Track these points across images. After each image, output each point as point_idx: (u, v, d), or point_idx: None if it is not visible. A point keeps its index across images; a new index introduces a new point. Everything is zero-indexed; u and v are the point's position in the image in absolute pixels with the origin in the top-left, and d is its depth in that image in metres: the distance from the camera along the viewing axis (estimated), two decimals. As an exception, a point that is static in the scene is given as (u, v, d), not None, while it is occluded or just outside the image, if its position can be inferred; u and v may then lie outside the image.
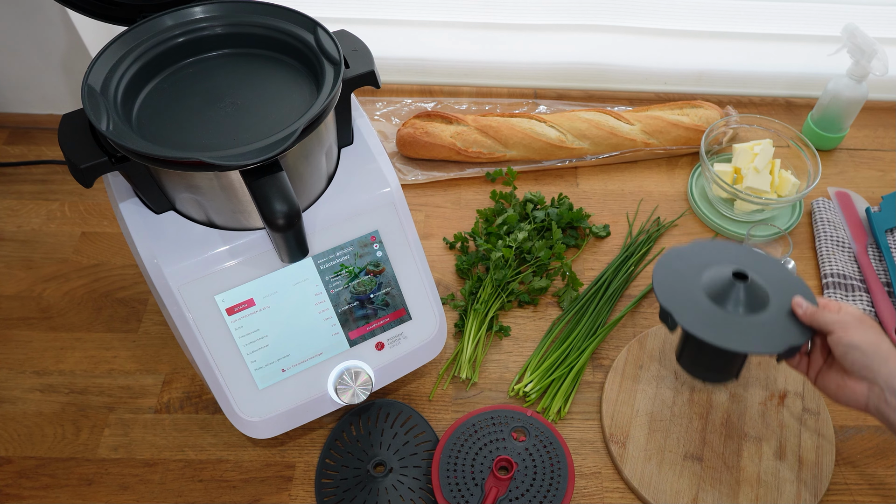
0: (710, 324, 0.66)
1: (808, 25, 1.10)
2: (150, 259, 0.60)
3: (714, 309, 0.67)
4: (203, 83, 0.61)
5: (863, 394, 0.62)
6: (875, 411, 0.62)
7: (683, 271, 0.71)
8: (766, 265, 0.73)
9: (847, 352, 0.62)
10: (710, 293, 0.68)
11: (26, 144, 1.05)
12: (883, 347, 0.61)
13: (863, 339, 0.61)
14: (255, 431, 0.68)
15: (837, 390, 0.64)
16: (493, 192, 0.99)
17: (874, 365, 0.61)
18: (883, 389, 0.60)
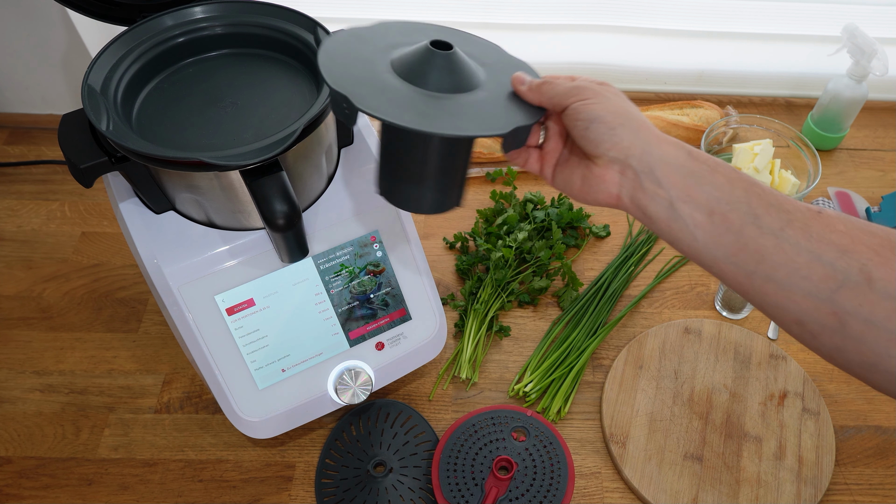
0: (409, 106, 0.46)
1: (808, 25, 1.10)
2: (150, 259, 0.60)
3: (412, 90, 0.48)
4: (203, 83, 0.61)
5: (614, 182, 0.48)
6: (630, 203, 0.48)
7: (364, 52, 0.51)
8: (477, 45, 0.56)
9: (588, 126, 0.47)
10: (402, 71, 0.49)
11: (26, 144, 1.05)
12: (633, 117, 0.47)
13: (607, 109, 0.47)
14: (255, 431, 0.68)
15: (583, 184, 0.50)
16: (493, 192, 0.99)
17: (624, 139, 0.47)
18: (637, 173, 0.47)
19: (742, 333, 0.85)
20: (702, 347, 0.84)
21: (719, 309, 0.89)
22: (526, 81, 0.51)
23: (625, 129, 0.47)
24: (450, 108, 0.47)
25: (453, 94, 0.49)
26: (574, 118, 0.48)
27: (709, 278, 0.93)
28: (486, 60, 0.54)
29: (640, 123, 0.47)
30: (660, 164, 0.46)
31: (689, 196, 0.46)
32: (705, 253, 0.46)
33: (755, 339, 0.85)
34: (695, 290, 0.92)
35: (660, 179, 0.46)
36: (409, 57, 0.50)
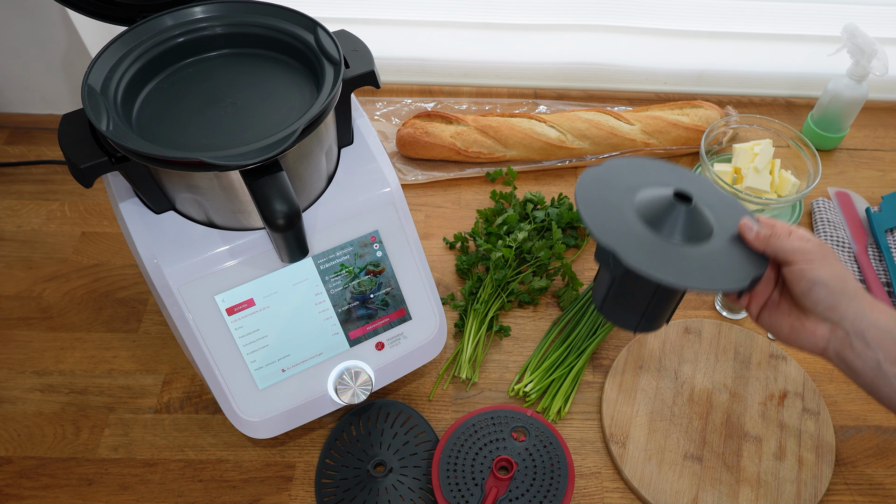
0: (658, 260, 0.53)
1: (808, 25, 1.10)
2: (150, 259, 0.60)
3: (655, 240, 0.54)
4: (203, 83, 0.61)
5: (823, 336, 0.53)
6: (835, 356, 0.54)
7: (610, 197, 0.57)
8: (699, 184, 0.62)
9: (811, 288, 0.52)
10: (648, 219, 0.56)
11: (26, 144, 1.05)
12: (850, 283, 0.52)
13: (830, 274, 0.52)
14: (255, 431, 0.68)
15: (791, 332, 0.55)
16: (493, 192, 0.99)
17: (841, 304, 0.51)
18: (848, 333, 0.52)
19: (742, 333, 0.85)
20: (702, 347, 0.84)
21: (719, 309, 0.89)
22: (753, 230, 0.56)
23: (844, 295, 0.52)
24: (690, 258, 0.54)
25: (690, 246, 0.55)
26: (798, 277, 0.53)
27: (709, 278, 0.93)
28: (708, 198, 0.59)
29: (856, 291, 0.53)
30: (871, 329, 0.51)
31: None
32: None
33: (755, 339, 0.85)
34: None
35: (869, 342, 0.51)
36: (655, 207, 0.56)
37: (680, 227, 0.55)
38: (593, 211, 0.55)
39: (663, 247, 0.54)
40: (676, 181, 0.59)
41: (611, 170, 0.61)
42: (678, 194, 0.56)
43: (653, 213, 0.56)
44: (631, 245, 0.53)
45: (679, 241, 0.55)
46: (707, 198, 0.59)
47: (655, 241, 0.54)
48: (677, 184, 0.58)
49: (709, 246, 0.55)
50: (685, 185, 0.57)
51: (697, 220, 0.56)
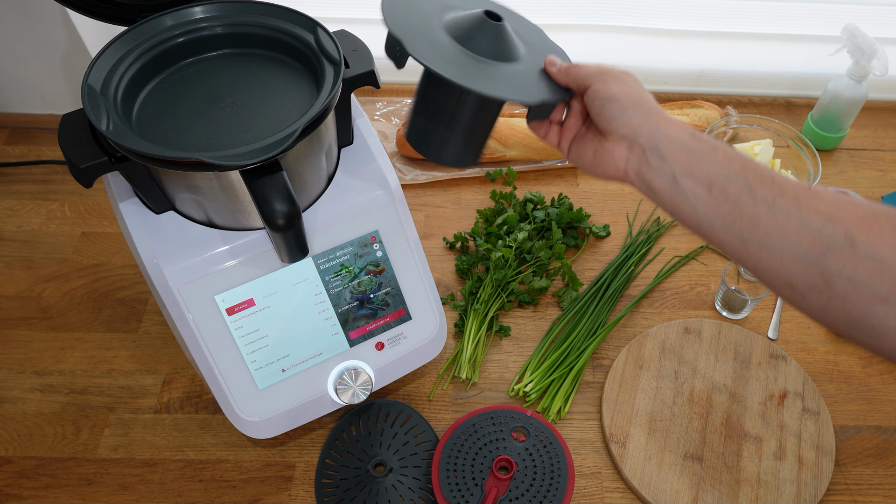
0: (453, 62, 0.52)
1: (808, 25, 1.10)
2: (150, 259, 0.60)
3: (458, 49, 0.54)
4: (203, 83, 0.61)
5: (622, 157, 0.54)
6: (635, 176, 0.54)
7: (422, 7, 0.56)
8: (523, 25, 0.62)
9: (604, 105, 0.53)
10: (453, 31, 0.55)
11: (26, 144, 1.05)
12: (644, 100, 0.53)
13: (622, 91, 0.53)
14: (255, 431, 0.68)
15: (594, 158, 0.56)
16: (493, 192, 0.99)
17: (634, 119, 0.52)
18: (644, 149, 0.52)
19: (742, 333, 0.85)
20: (702, 347, 0.84)
21: (719, 309, 0.89)
22: (557, 63, 0.57)
23: (636, 110, 0.52)
24: (489, 72, 0.53)
25: (494, 62, 0.54)
26: (593, 97, 0.54)
27: (709, 278, 0.93)
28: (528, 39, 0.59)
29: (651, 107, 0.53)
30: (665, 142, 0.51)
31: (690, 171, 0.51)
32: (704, 222, 0.51)
33: (755, 339, 0.85)
34: (695, 290, 0.92)
35: (664, 155, 0.51)
36: (463, 21, 0.55)
37: (483, 44, 0.54)
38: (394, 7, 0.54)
39: (460, 54, 0.53)
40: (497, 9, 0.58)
41: None
42: (488, 13, 0.56)
43: (459, 26, 0.55)
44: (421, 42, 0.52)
45: (485, 58, 0.54)
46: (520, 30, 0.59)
47: (452, 47, 0.54)
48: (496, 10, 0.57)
49: (515, 68, 0.55)
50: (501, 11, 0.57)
51: (505, 41, 0.55)
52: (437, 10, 0.57)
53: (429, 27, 0.54)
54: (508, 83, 0.53)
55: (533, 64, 0.57)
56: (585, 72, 0.55)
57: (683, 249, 0.96)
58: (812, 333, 0.87)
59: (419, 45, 0.51)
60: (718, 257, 0.96)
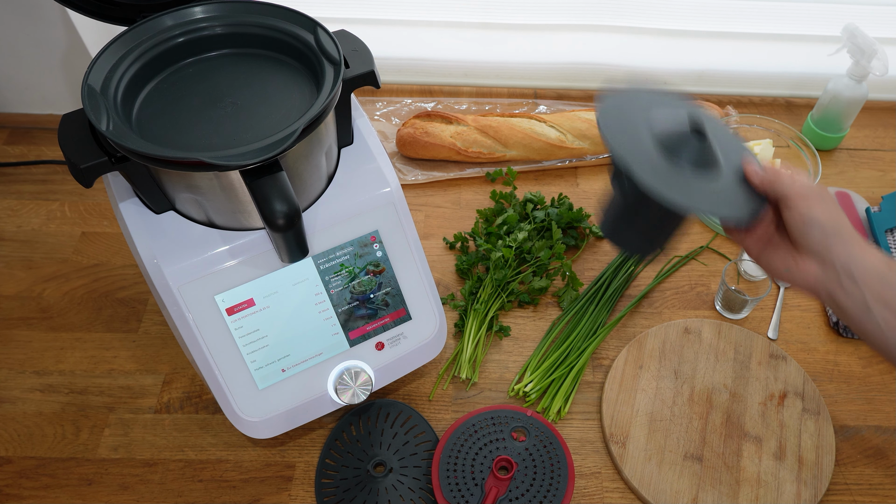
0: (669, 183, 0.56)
1: (808, 25, 1.10)
2: (150, 259, 0.60)
3: (668, 166, 0.57)
4: (203, 83, 0.61)
5: (814, 274, 0.56)
6: (825, 295, 0.56)
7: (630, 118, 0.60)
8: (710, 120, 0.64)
9: (806, 227, 0.55)
10: (662, 142, 0.59)
11: (26, 144, 1.05)
12: (844, 226, 0.55)
13: (825, 215, 0.54)
14: (255, 431, 0.68)
15: (785, 269, 0.58)
16: (493, 192, 0.99)
17: (833, 244, 0.54)
18: (838, 272, 0.54)
19: (742, 333, 0.85)
20: (702, 347, 0.84)
21: (719, 309, 0.89)
22: (759, 172, 0.58)
23: (837, 236, 0.54)
24: (698, 187, 0.57)
25: (700, 176, 0.58)
26: (795, 216, 0.55)
27: (709, 278, 0.93)
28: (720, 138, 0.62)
29: (849, 233, 0.55)
30: (859, 269, 0.53)
31: (883, 299, 0.53)
32: (893, 350, 0.54)
33: (755, 339, 0.85)
34: (695, 290, 0.92)
35: (857, 281, 0.53)
36: (671, 136, 0.58)
37: (692, 159, 0.58)
38: (614, 130, 0.58)
39: (675, 173, 0.57)
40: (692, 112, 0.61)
41: (632, 93, 0.63)
42: (694, 127, 0.59)
43: (668, 142, 0.58)
44: (645, 166, 0.56)
45: (690, 172, 0.58)
46: (717, 134, 0.61)
47: (668, 167, 0.57)
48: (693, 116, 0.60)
49: (716, 180, 0.58)
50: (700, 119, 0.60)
51: (709, 156, 0.59)
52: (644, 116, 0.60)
53: (641, 142, 0.58)
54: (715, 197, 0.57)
55: (730, 170, 0.60)
56: (787, 188, 0.56)
57: (683, 249, 0.96)
58: (812, 333, 0.87)
59: (643, 170, 0.55)
60: (718, 257, 0.96)
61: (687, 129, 0.59)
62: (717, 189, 0.58)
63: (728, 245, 0.97)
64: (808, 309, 0.90)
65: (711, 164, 0.59)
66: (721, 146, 0.61)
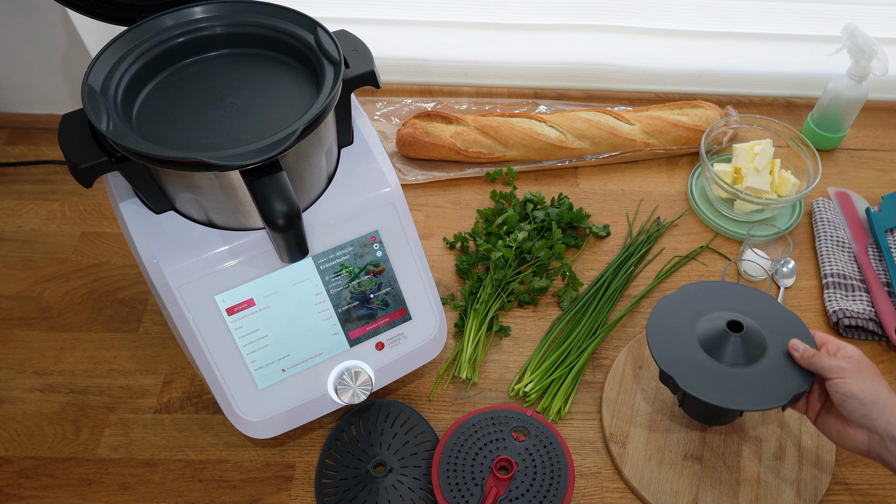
0: (712, 383, 0.66)
1: (808, 25, 1.10)
2: (150, 259, 0.60)
3: (712, 364, 0.68)
4: (203, 83, 0.61)
5: (863, 441, 0.63)
6: (877, 457, 0.62)
7: (675, 325, 0.72)
8: (755, 300, 0.74)
9: (845, 401, 0.62)
10: (705, 346, 0.70)
11: (26, 144, 1.05)
12: (881, 395, 0.61)
13: (861, 389, 0.61)
14: (255, 431, 0.68)
15: (838, 436, 0.65)
16: (493, 192, 0.99)
17: (872, 414, 0.61)
18: (883, 438, 0.61)
19: (742, 333, 0.85)
20: (702, 347, 0.84)
21: (719, 309, 0.89)
22: (800, 350, 0.67)
23: (874, 406, 0.61)
24: (742, 380, 0.67)
25: (744, 367, 0.68)
26: (834, 390, 0.63)
27: (709, 278, 0.93)
28: (763, 314, 0.72)
29: (887, 400, 0.61)
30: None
31: None
32: None
33: (755, 339, 0.85)
34: (695, 290, 0.91)
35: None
36: (711, 336, 0.70)
37: (731, 352, 0.69)
38: (659, 339, 0.71)
39: (716, 370, 0.68)
40: (738, 305, 0.73)
41: (682, 296, 0.75)
42: (730, 324, 0.70)
43: (709, 340, 0.70)
44: (687, 370, 0.68)
45: (730, 364, 0.68)
46: (765, 315, 0.72)
47: (710, 364, 0.68)
48: (736, 309, 0.72)
49: (760, 366, 0.68)
50: (741, 312, 0.72)
51: (748, 345, 0.69)
52: (689, 322, 0.72)
53: (686, 349, 0.70)
54: (759, 388, 0.66)
55: (776, 349, 0.69)
56: (828, 364, 0.64)
57: (683, 249, 0.96)
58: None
59: (686, 377, 0.67)
60: (718, 257, 0.96)
61: (724, 326, 0.69)
62: (760, 375, 0.67)
63: (728, 245, 0.97)
64: (809, 309, 0.90)
65: (753, 352, 0.68)
66: (771, 324, 0.71)
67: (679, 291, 0.76)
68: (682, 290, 0.76)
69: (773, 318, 0.72)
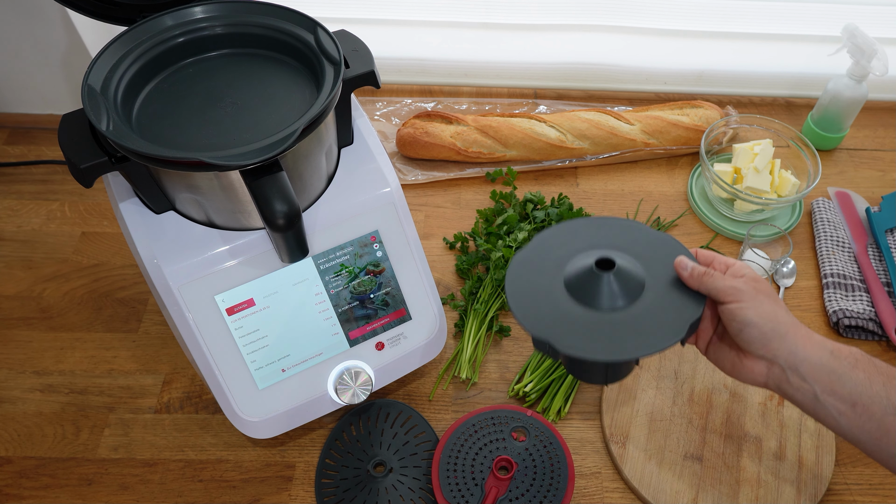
0: (595, 337, 0.56)
1: (808, 25, 1.10)
2: (150, 259, 0.60)
3: (590, 315, 0.57)
4: (203, 83, 0.61)
5: (761, 373, 0.56)
6: (776, 389, 0.56)
7: (540, 280, 0.61)
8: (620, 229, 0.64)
9: (742, 329, 0.54)
10: (577, 295, 0.58)
11: (26, 144, 1.05)
12: (781, 320, 0.54)
13: (759, 314, 0.54)
14: (255, 431, 0.68)
15: (732, 368, 0.58)
16: (493, 192, 0.99)
17: (772, 343, 0.54)
18: (783, 369, 0.54)
19: (742, 333, 0.85)
20: (702, 347, 0.84)
21: (719, 309, 0.89)
22: (688, 268, 0.57)
23: (774, 334, 0.54)
24: (628, 323, 0.56)
25: (625, 308, 0.57)
26: (729, 318, 0.55)
27: (709, 278, 0.93)
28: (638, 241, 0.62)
29: (787, 328, 0.54)
30: (804, 363, 0.53)
31: (831, 390, 0.53)
32: (850, 436, 0.54)
33: (755, 339, 0.85)
34: (695, 290, 0.91)
35: (804, 376, 0.53)
36: (580, 282, 0.58)
37: (608, 294, 0.57)
38: (524, 302, 0.59)
39: (596, 320, 0.57)
40: (603, 240, 0.62)
41: (539, 246, 0.64)
42: (599, 263, 0.58)
43: (580, 288, 0.58)
44: (564, 330, 0.56)
45: (610, 308, 0.57)
46: (639, 244, 0.62)
47: (587, 316, 0.57)
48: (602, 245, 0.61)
49: (644, 301, 0.57)
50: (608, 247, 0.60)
51: (625, 282, 0.58)
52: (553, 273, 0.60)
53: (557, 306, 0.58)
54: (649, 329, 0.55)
55: (659, 282, 0.58)
56: (721, 285, 0.55)
57: (683, 249, 0.96)
58: (812, 333, 0.87)
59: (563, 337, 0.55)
60: (718, 257, 0.96)
61: (592, 267, 0.58)
62: (646, 313, 0.57)
63: (728, 245, 0.97)
64: (808, 309, 0.90)
65: (633, 288, 0.58)
66: (647, 252, 0.61)
67: (534, 241, 0.64)
68: (537, 238, 0.64)
69: (648, 245, 0.62)
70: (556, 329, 0.56)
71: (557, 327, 0.57)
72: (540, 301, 0.59)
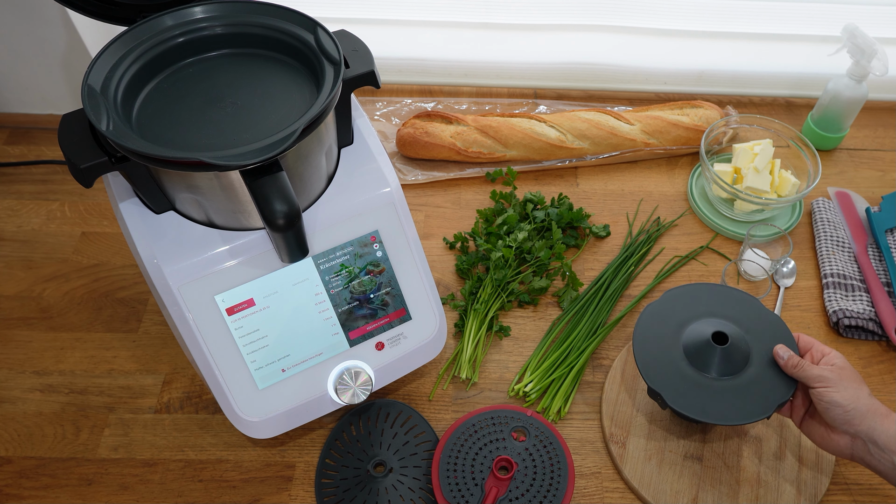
0: (698, 398, 0.69)
1: (808, 25, 1.10)
2: (150, 259, 0.60)
3: (698, 377, 0.70)
4: (203, 83, 0.61)
5: (846, 445, 0.65)
6: (860, 460, 0.64)
7: (661, 336, 0.73)
8: (739, 303, 0.75)
9: (828, 408, 0.64)
10: (691, 359, 0.71)
11: (26, 144, 1.05)
12: (862, 402, 0.64)
13: (843, 397, 0.64)
14: (255, 431, 0.68)
15: (822, 440, 0.67)
16: (493, 192, 0.99)
17: (854, 420, 0.63)
18: (865, 442, 0.63)
19: (742, 333, 0.85)
20: (702, 347, 0.84)
21: (719, 309, 0.89)
22: (784, 357, 0.69)
23: (856, 413, 0.63)
24: (727, 391, 0.69)
25: (730, 378, 0.70)
26: (817, 398, 0.66)
27: (709, 278, 0.93)
28: (749, 318, 0.74)
29: (868, 408, 0.64)
30: (882, 436, 0.62)
31: None
32: None
33: (755, 339, 0.85)
34: (695, 290, 0.91)
35: (882, 447, 0.62)
36: (696, 347, 0.72)
37: (717, 364, 0.70)
38: (646, 354, 0.72)
39: (702, 383, 0.70)
40: (722, 309, 0.74)
41: (667, 303, 0.76)
42: (715, 336, 0.71)
43: (695, 352, 0.71)
44: (674, 386, 0.70)
45: (716, 376, 0.70)
46: (749, 319, 0.74)
47: (696, 378, 0.70)
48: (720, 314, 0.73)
49: (744, 375, 0.70)
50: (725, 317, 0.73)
51: (733, 355, 0.70)
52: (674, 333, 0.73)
53: (674, 363, 0.71)
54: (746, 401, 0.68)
55: (761, 358, 0.71)
56: (811, 374, 0.66)
57: (683, 249, 0.96)
58: (812, 333, 0.87)
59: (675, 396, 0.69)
60: (718, 257, 0.96)
61: (709, 338, 0.71)
62: (744, 386, 0.69)
63: (728, 245, 0.97)
64: (809, 309, 0.90)
65: (737, 363, 0.70)
66: (755, 329, 0.73)
67: (664, 297, 0.77)
68: (666, 295, 0.77)
69: (758, 322, 0.74)
70: (668, 383, 0.70)
71: (670, 382, 0.70)
72: (659, 356, 0.72)
